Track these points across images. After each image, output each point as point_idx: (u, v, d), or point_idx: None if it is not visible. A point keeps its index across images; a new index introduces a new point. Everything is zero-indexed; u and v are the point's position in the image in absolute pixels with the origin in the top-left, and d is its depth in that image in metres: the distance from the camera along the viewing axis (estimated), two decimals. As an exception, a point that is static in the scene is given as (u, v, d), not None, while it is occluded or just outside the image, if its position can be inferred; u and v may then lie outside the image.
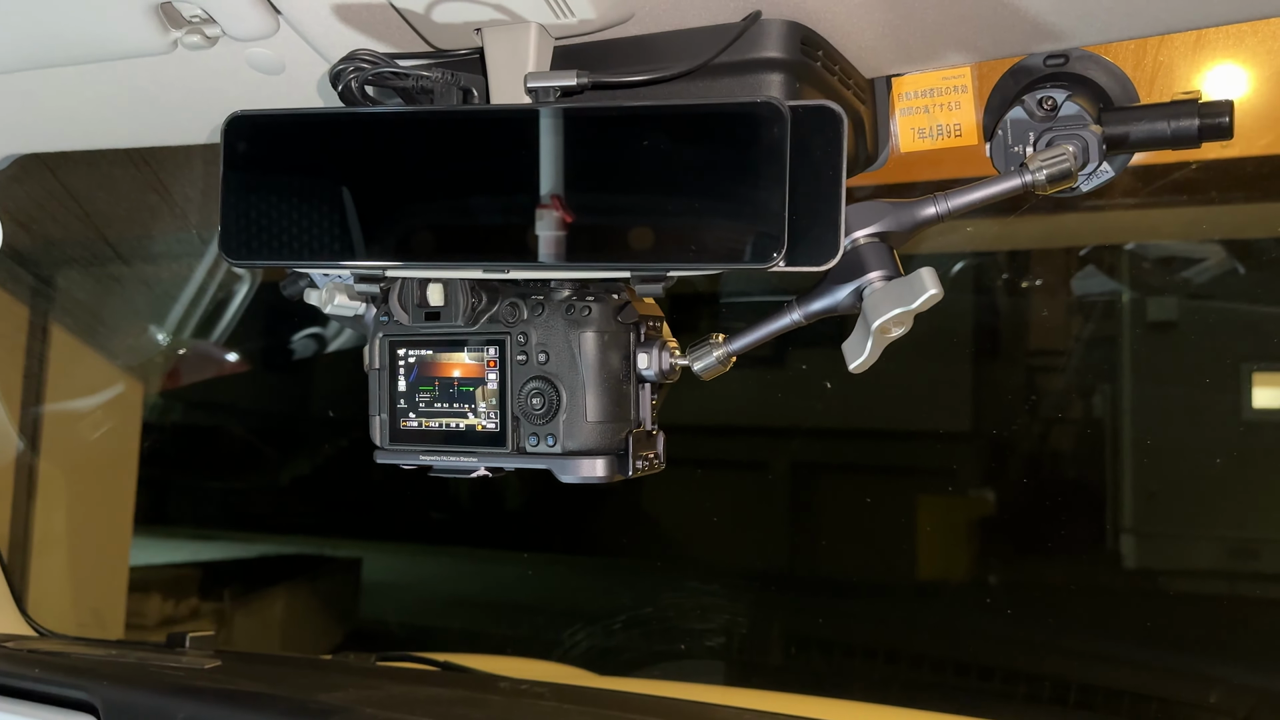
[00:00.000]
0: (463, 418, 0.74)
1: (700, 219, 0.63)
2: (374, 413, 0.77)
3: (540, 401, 0.72)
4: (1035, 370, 2.60)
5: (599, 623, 2.24)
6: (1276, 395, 2.36)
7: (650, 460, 0.76)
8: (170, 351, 1.93)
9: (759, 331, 0.72)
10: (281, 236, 0.69)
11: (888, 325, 0.66)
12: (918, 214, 0.69)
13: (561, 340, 0.72)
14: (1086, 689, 1.75)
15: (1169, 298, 2.47)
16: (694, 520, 2.55)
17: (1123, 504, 2.33)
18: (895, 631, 2.21)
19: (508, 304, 0.73)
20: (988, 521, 2.45)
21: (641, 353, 0.73)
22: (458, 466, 0.75)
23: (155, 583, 3.02)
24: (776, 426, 2.68)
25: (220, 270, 1.84)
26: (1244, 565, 2.18)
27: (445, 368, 0.75)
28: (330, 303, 0.83)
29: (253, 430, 3.42)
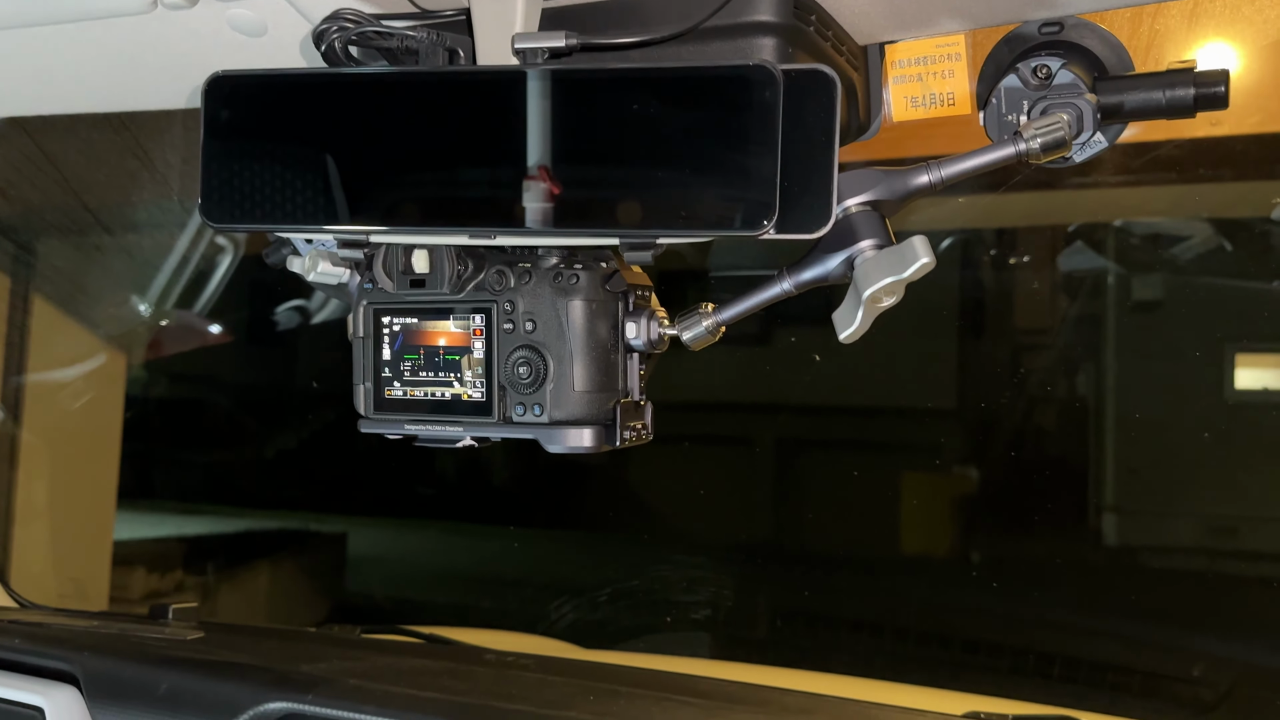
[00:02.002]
0: (448, 387, 0.73)
1: (690, 185, 0.62)
2: (358, 381, 0.76)
3: (527, 370, 0.71)
4: (1021, 348, 2.60)
5: (585, 596, 2.25)
6: (1258, 376, 2.38)
7: (638, 431, 0.75)
8: (152, 322, 1.91)
9: (749, 301, 0.71)
10: (263, 200, 0.68)
11: (879, 295, 0.65)
12: (910, 182, 0.68)
13: (549, 309, 0.71)
14: (1070, 662, 1.76)
15: (1155, 277, 2.47)
16: (680, 495, 2.55)
17: (1105, 481, 2.35)
18: (880, 605, 2.23)
19: (494, 271, 0.72)
20: (972, 498, 2.46)
21: (630, 322, 0.73)
22: (443, 436, 0.74)
23: (139, 557, 3.01)
24: (763, 403, 2.68)
25: (203, 240, 1.82)
26: (1224, 543, 2.20)
27: (431, 336, 0.74)
28: (313, 270, 0.82)
29: (237, 404, 3.40)
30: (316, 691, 0.83)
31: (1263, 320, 2.33)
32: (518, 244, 0.70)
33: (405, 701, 0.80)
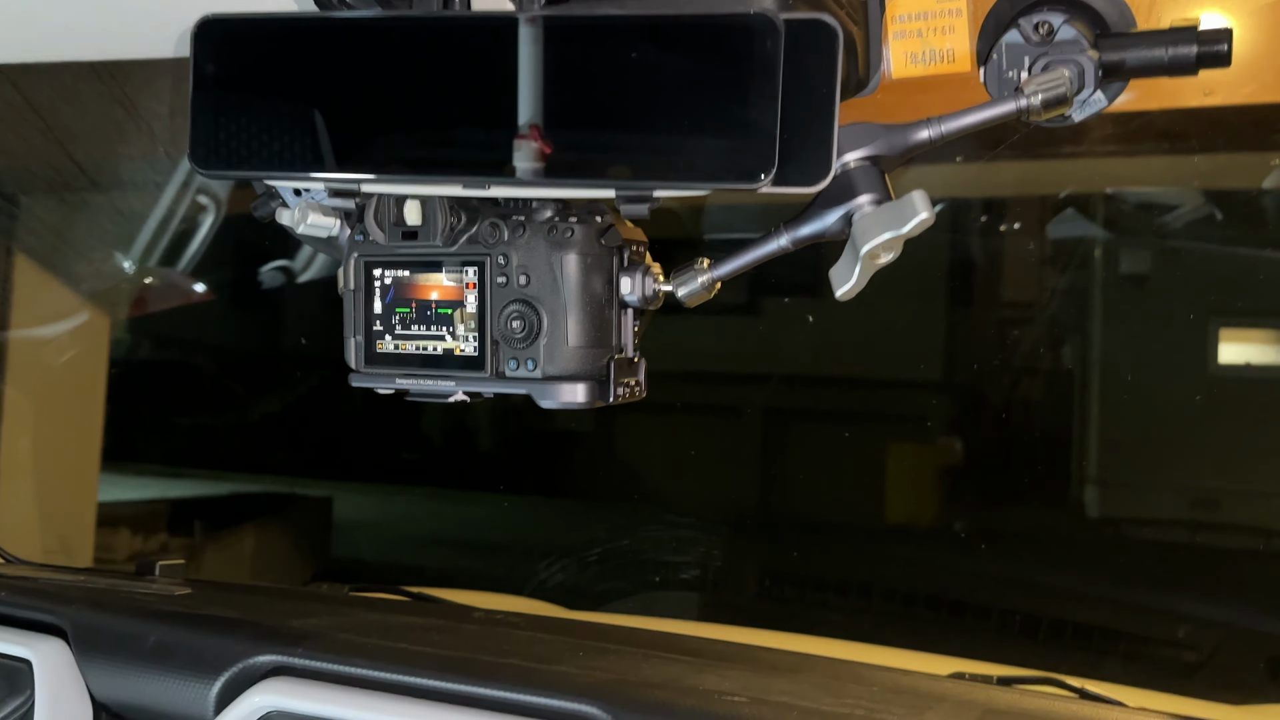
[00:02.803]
0: (440, 341, 0.73)
1: (688, 135, 0.61)
2: (349, 335, 0.75)
3: (520, 325, 0.70)
4: (1007, 320, 2.61)
5: (573, 556, 2.25)
6: (1242, 351, 2.39)
7: (631, 387, 0.74)
8: (136, 279, 1.89)
9: (745, 257, 0.70)
10: (254, 147, 0.67)
11: (877, 250, 0.65)
12: (910, 137, 0.67)
13: (543, 262, 0.70)
14: (1057, 624, 1.78)
15: (1143, 249, 2.48)
16: (669, 464, 2.56)
17: (1089, 453, 2.36)
18: (866, 568, 2.24)
19: (488, 224, 0.71)
20: (957, 468, 2.48)
21: (625, 277, 0.72)
22: (435, 390, 0.74)
23: (124, 518, 3.00)
24: (751, 373, 2.68)
25: (188, 195, 1.80)
26: (1207, 515, 2.22)
27: (423, 289, 0.73)
28: (303, 222, 0.80)
29: (221, 367, 3.38)
30: (306, 645, 0.83)
31: (1248, 295, 2.34)
32: (512, 195, 0.69)
33: (395, 655, 0.80)
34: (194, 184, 1.83)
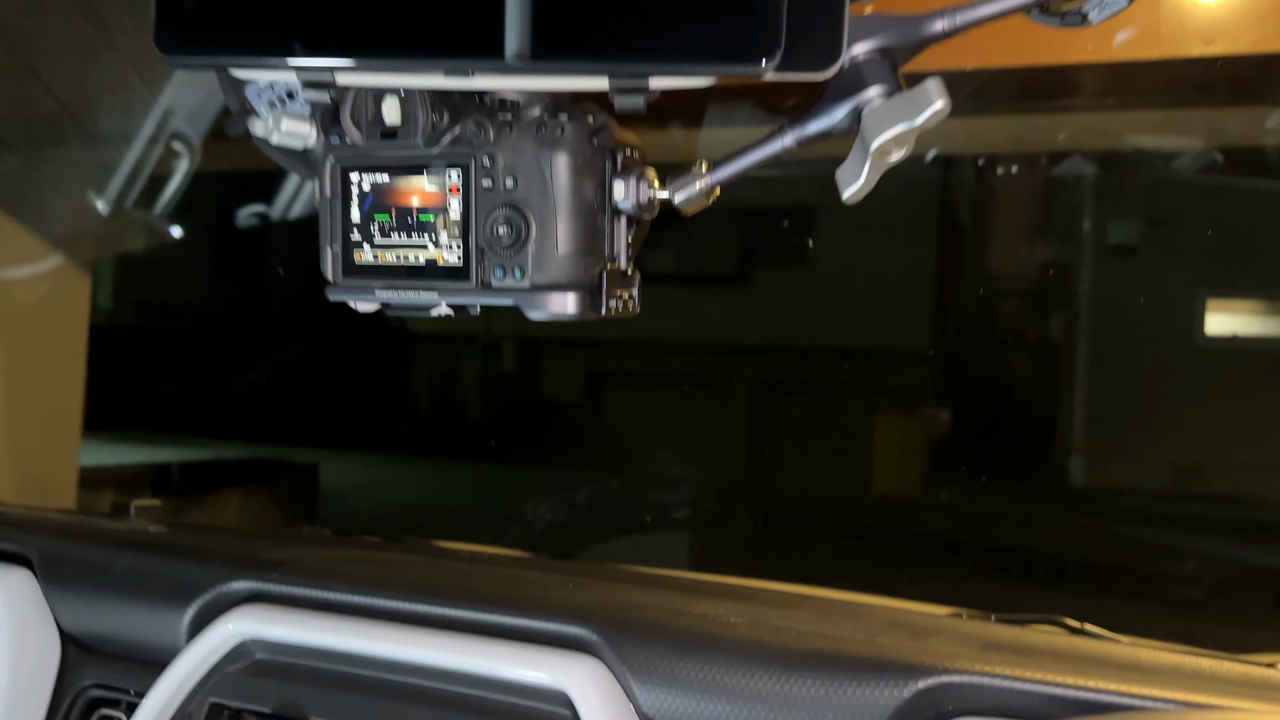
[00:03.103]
0: (423, 249, 0.69)
1: (687, 12, 0.57)
2: (325, 244, 0.71)
3: (507, 231, 0.66)
4: (996, 294, 2.59)
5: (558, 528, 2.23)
6: (1230, 321, 2.37)
7: (624, 300, 0.70)
8: (110, 221, 1.84)
9: (747, 158, 0.66)
10: (221, 30, 0.62)
11: (888, 146, 0.61)
12: (924, 28, 0.63)
13: (531, 163, 0.66)
14: (1056, 561, 1.76)
15: (1132, 221, 2.45)
16: (656, 434, 2.54)
17: (1075, 424, 2.35)
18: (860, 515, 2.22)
19: (472, 123, 0.67)
20: (945, 439, 2.46)
21: (618, 181, 0.68)
22: (417, 303, 0.70)
23: (107, 481, 2.98)
24: (739, 344, 2.65)
25: (166, 131, 1.74)
26: (1191, 486, 2.21)
27: (403, 195, 0.69)
28: (276, 131, 0.76)
29: (207, 331, 3.34)
30: (282, 570, 0.79)
31: (1237, 266, 2.32)
32: (497, 85, 0.65)
33: (375, 581, 0.77)
34: (168, 126, 1.78)
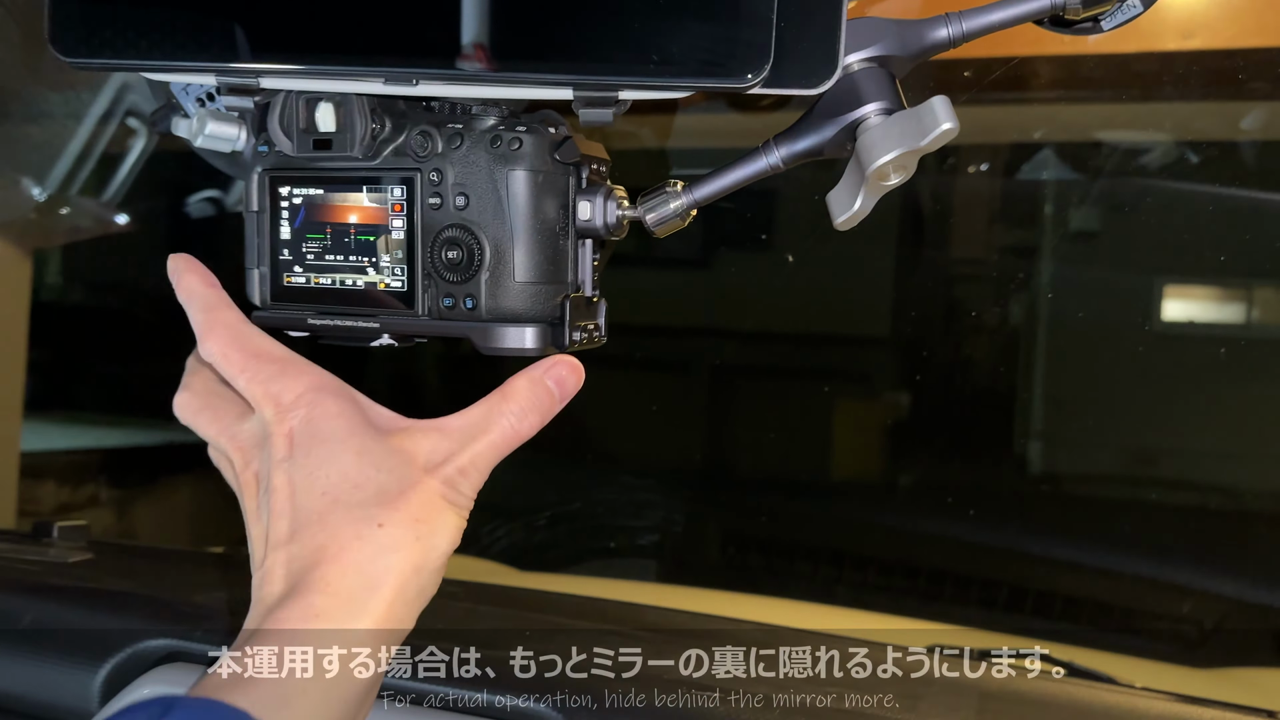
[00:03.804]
0: (361, 274, 0.61)
1: (665, 19, 0.49)
2: (250, 265, 0.63)
3: (458, 255, 0.58)
4: (957, 277, 2.57)
5: (522, 520, 2.16)
6: (1185, 308, 2.37)
7: (589, 331, 0.63)
8: (49, 208, 1.73)
9: (728, 177, 0.59)
10: (124, 29, 0.54)
11: (886, 170, 0.54)
12: (926, 35, 0.56)
13: (485, 180, 0.58)
14: (1044, 595, 1.73)
15: (1093, 208, 2.44)
16: (620, 419, 2.48)
17: (1033, 410, 2.34)
18: (837, 531, 2.20)
19: (418, 133, 0.59)
20: (906, 424, 2.44)
21: (583, 200, 0.60)
22: (355, 332, 0.62)
23: (52, 468, 2.89)
24: (703, 327, 2.61)
25: (111, 122, 1.64)
26: (1147, 471, 2.21)
27: (339, 211, 0.61)
28: (201, 133, 0.68)
29: (158, 311, 3.23)
30: (205, 626, 0.72)
31: (1194, 252, 2.31)
32: (447, 95, 0.57)
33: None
34: (123, 103, 1.68)
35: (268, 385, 0.56)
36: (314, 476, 0.53)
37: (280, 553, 0.53)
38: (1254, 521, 2.02)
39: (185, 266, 0.61)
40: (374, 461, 0.54)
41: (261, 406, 0.56)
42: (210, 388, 0.60)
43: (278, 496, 0.54)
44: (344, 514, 0.52)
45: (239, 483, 0.58)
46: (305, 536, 0.52)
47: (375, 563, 0.51)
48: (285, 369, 0.56)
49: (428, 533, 0.53)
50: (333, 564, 0.51)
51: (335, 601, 0.51)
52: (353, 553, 0.51)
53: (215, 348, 0.57)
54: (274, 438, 0.55)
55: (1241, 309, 2.39)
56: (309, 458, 0.54)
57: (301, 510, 0.53)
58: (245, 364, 0.56)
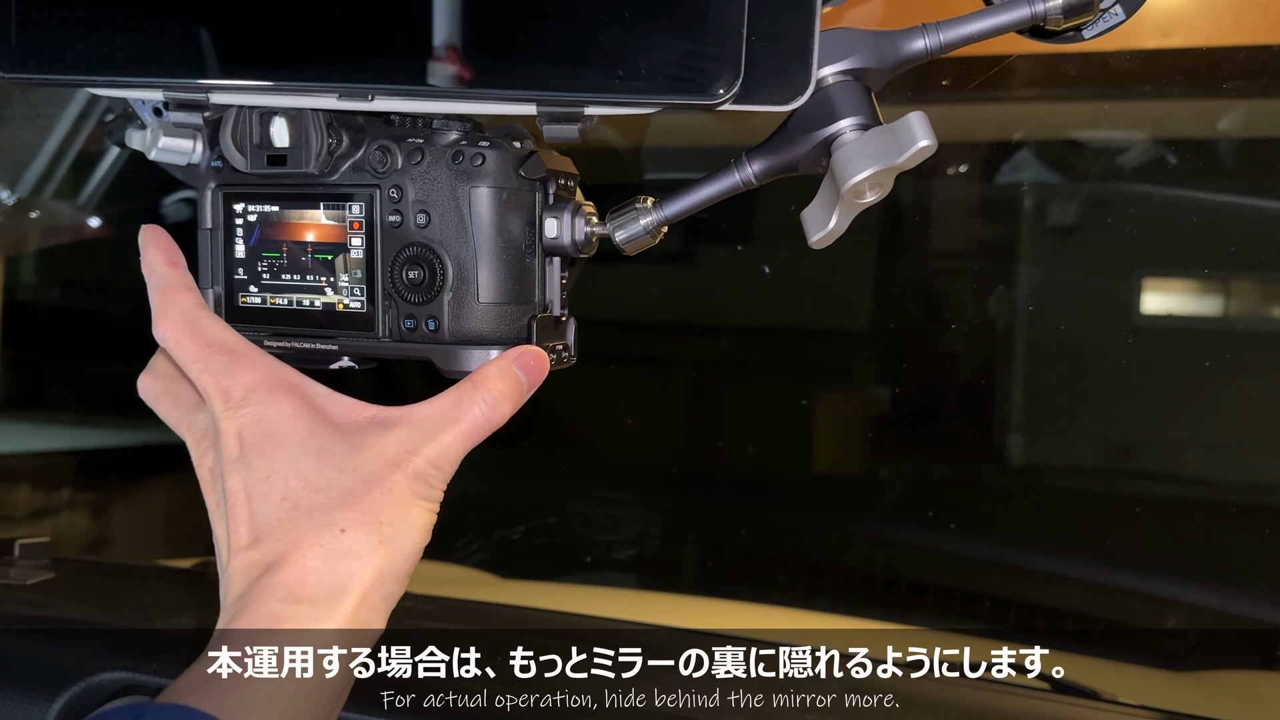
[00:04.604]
0: (319, 294, 0.59)
1: (631, 34, 0.47)
2: (205, 285, 0.61)
3: (419, 275, 0.56)
4: (937, 270, 2.57)
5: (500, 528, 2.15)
6: (1165, 301, 2.38)
7: (558, 352, 0.61)
8: (19, 212, 1.70)
9: (698, 194, 0.57)
10: (71, 42, 0.51)
11: (862, 187, 0.52)
12: (903, 47, 0.55)
13: (447, 197, 0.56)
14: (1027, 608, 1.72)
15: (1072, 202, 2.44)
16: (600, 417, 2.47)
17: (1014, 403, 2.34)
18: (813, 540, 2.19)
19: (376, 149, 0.57)
20: (886, 418, 2.44)
21: (550, 217, 0.58)
22: (313, 355, 0.60)
23: (25, 471, 2.84)
24: (683, 323, 2.60)
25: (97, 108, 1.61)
26: (1124, 464, 2.22)
27: (296, 229, 0.59)
28: (155, 146, 0.65)
29: (132, 311, 3.19)
30: (162, 658, 0.69)
31: (1172, 245, 2.32)
32: (405, 110, 0.55)
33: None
34: (100, 103, 1.65)
35: (219, 378, 0.54)
36: (271, 481, 0.52)
37: (242, 558, 0.52)
38: (1234, 517, 2.03)
39: (152, 240, 0.59)
40: (336, 462, 0.52)
41: (211, 400, 0.54)
42: (171, 372, 0.58)
43: (235, 500, 0.53)
44: (305, 519, 0.51)
45: (198, 474, 0.57)
46: (267, 543, 0.51)
47: (338, 570, 0.50)
48: (237, 361, 0.54)
49: (393, 535, 0.52)
50: (294, 569, 0.50)
51: (300, 609, 0.50)
52: (315, 560, 0.50)
53: (168, 333, 0.56)
54: (224, 435, 0.53)
55: (1219, 302, 2.40)
56: (264, 459, 0.52)
57: (261, 516, 0.52)
58: (198, 354, 0.55)
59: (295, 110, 0.55)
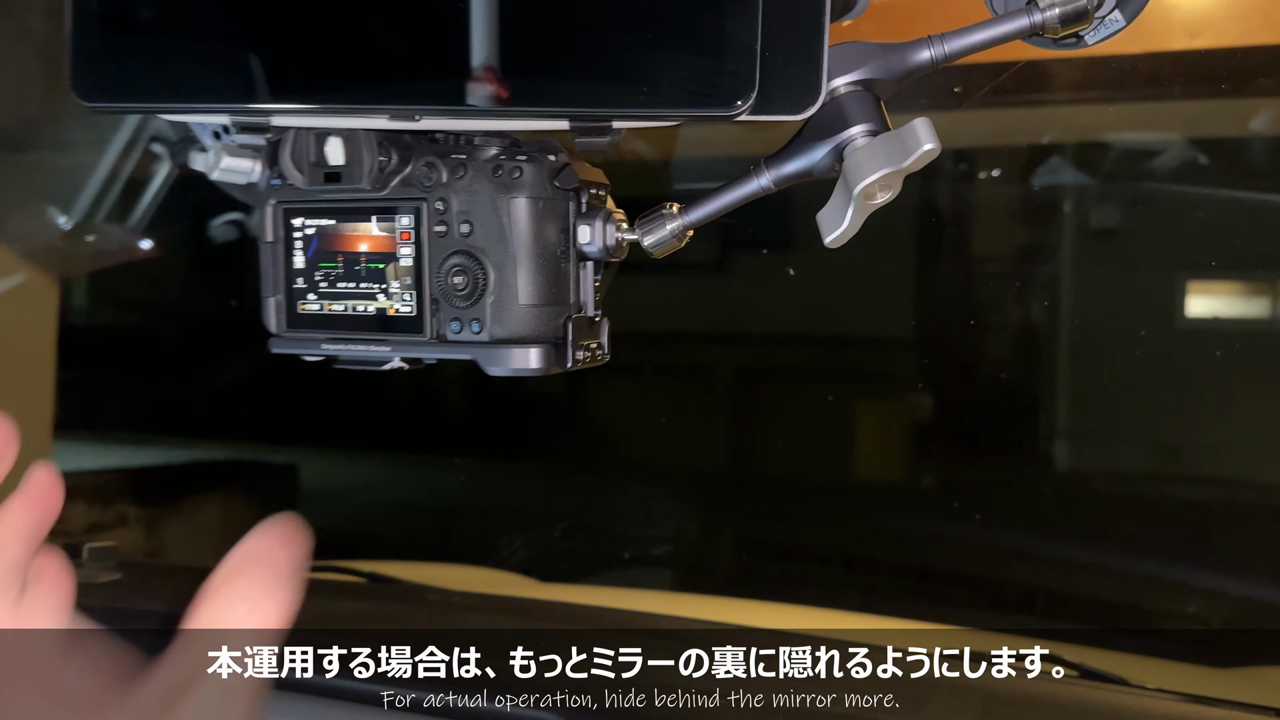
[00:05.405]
0: (372, 300, 0.63)
1: (654, 53, 0.52)
2: (267, 294, 0.66)
3: (463, 280, 0.61)
4: (978, 275, 2.57)
5: (537, 531, 2.19)
6: (1210, 304, 2.36)
7: (592, 350, 0.65)
8: (75, 236, 1.78)
9: (721, 200, 0.61)
10: (144, 73, 0.57)
11: (873, 189, 0.56)
12: (909, 58, 0.58)
13: (488, 208, 0.60)
14: (1054, 596, 1.74)
15: (1112, 204, 2.44)
16: (639, 425, 2.50)
17: (1057, 408, 2.34)
18: (848, 535, 2.20)
19: (423, 164, 0.61)
20: (929, 425, 2.44)
21: (583, 225, 0.63)
22: (368, 357, 0.65)
23: (81, 489, 2.92)
24: (721, 332, 2.63)
25: (134, 152, 1.68)
26: (1170, 468, 2.20)
27: (350, 240, 0.63)
28: (217, 167, 0.71)
29: (184, 331, 3.28)
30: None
31: (1218, 248, 2.31)
32: (448, 128, 0.60)
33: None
34: (146, 129, 1.72)
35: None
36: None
37: None
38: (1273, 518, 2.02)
39: None
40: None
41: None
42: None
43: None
44: None
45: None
46: None
47: None
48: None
49: None
50: None
51: None
52: None
53: None
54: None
55: (1265, 304, 2.38)
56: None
57: None
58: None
59: (349, 131, 0.60)
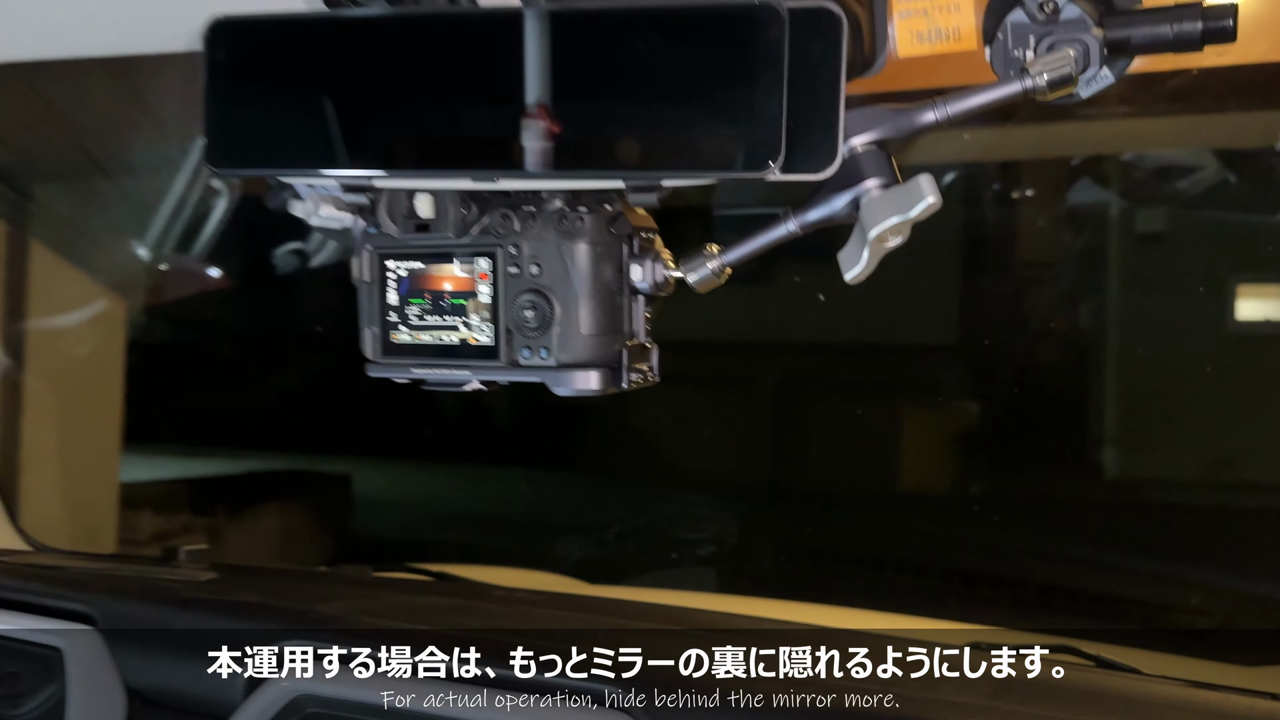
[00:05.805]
0: (455, 331, 0.74)
1: (694, 125, 0.62)
2: (364, 325, 0.76)
3: (533, 314, 0.71)
4: (1023, 282, 2.59)
5: (591, 535, 2.27)
6: (1261, 307, 2.37)
7: (644, 373, 0.75)
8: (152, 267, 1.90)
9: (754, 243, 0.71)
10: (267, 144, 0.68)
11: (885, 234, 0.65)
12: (917, 120, 0.68)
13: (554, 252, 0.71)
14: (1071, 593, 1.79)
15: (1158, 209, 2.46)
16: (683, 436, 2.57)
17: (1105, 415, 2.36)
18: (883, 539, 2.25)
19: (499, 215, 0.72)
20: (973, 433, 2.47)
21: (635, 264, 0.73)
22: (451, 380, 0.75)
23: (146, 499, 3.03)
24: (764, 342, 2.68)
25: (199, 183, 1.80)
26: (1222, 475, 2.21)
27: (436, 280, 0.74)
28: (315, 214, 0.81)
29: (241, 348, 3.40)
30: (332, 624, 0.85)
31: (1266, 251, 2.32)
32: (520, 188, 0.70)
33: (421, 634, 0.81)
34: (206, 170, 1.84)
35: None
36: None
37: None
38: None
39: None
40: None
41: None
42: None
43: None
44: None
45: None
46: None
47: None
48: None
49: None
50: None
51: None
52: None
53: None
54: None
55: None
56: None
57: None
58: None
59: (436, 190, 0.71)
